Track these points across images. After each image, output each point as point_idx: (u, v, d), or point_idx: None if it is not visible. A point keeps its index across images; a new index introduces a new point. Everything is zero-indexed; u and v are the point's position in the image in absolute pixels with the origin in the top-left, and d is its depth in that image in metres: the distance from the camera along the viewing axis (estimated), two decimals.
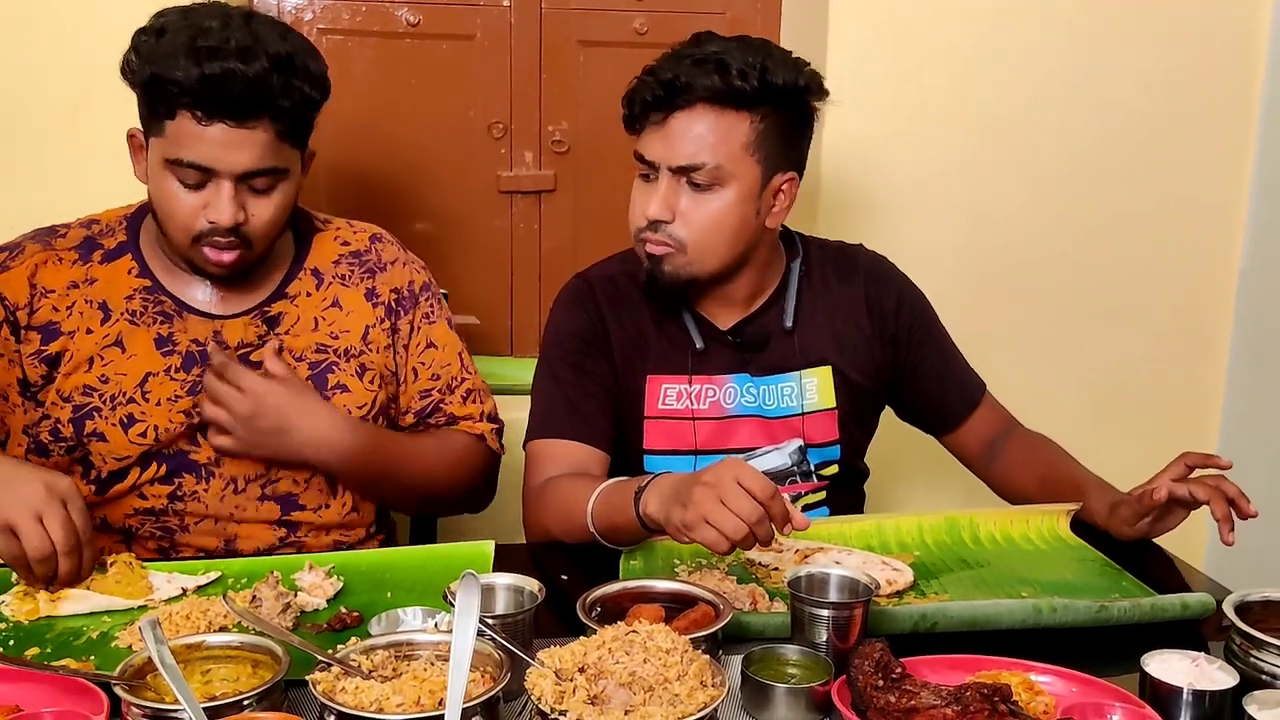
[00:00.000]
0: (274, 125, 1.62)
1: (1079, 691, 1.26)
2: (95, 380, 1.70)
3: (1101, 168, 2.58)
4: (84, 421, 1.69)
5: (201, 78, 1.56)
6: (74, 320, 1.71)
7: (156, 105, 1.61)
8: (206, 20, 1.61)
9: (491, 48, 2.52)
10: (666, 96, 1.76)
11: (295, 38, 1.68)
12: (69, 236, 1.76)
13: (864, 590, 1.35)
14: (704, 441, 1.88)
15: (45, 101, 2.22)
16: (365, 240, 1.90)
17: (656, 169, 1.78)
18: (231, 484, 1.75)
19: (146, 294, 1.74)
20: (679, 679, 1.15)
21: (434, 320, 1.89)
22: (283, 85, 1.61)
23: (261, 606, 1.42)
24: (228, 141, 1.60)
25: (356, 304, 1.84)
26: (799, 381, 1.90)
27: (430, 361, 1.88)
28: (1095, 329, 2.66)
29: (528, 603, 1.32)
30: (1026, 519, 1.76)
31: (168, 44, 1.59)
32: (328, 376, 1.79)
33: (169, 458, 1.73)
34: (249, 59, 1.58)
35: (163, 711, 1.13)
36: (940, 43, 2.47)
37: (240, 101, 1.58)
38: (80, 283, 1.72)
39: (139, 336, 1.73)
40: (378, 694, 1.12)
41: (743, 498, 1.40)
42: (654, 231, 1.79)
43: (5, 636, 1.39)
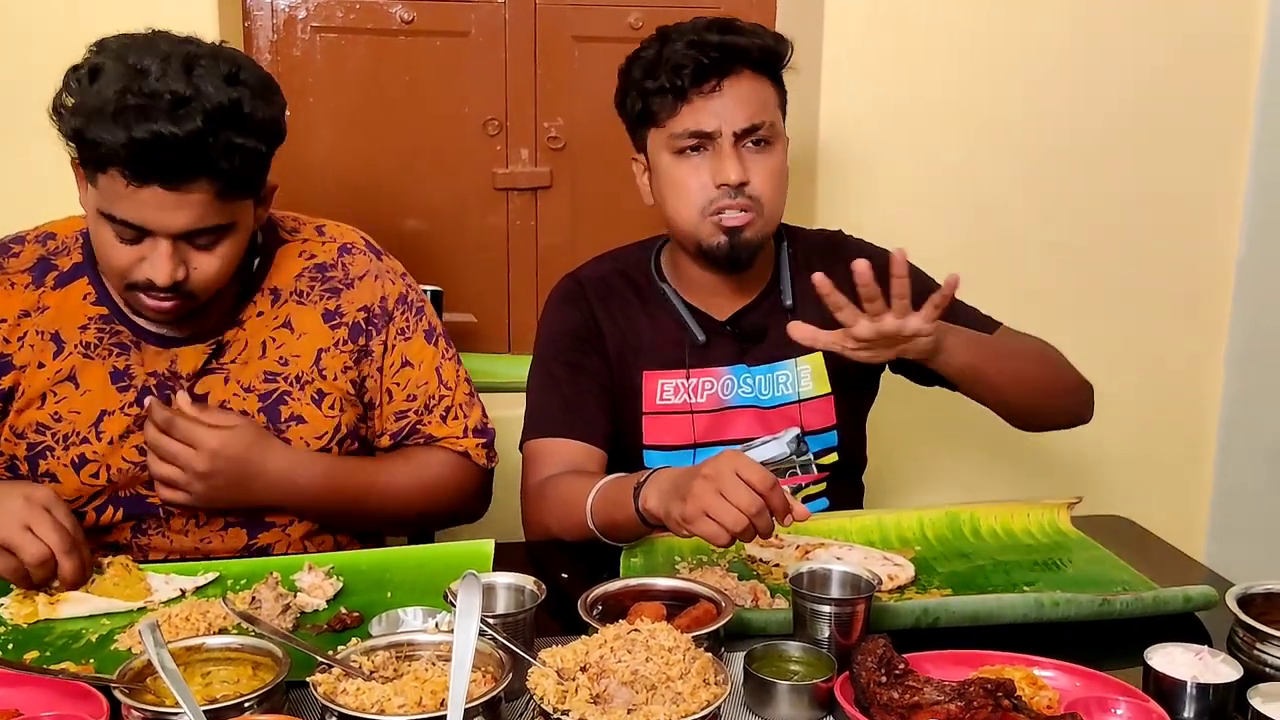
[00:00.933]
0: (213, 185, 1.47)
1: (1082, 686, 1.25)
2: (48, 418, 1.63)
3: (1099, 158, 2.58)
4: (37, 461, 1.63)
5: (129, 142, 1.41)
6: (25, 353, 1.63)
7: (86, 159, 1.48)
8: (144, 60, 1.45)
9: (486, 44, 2.51)
10: (721, 61, 1.76)
11: (248, 77, 1.51)
12: (22, 256, 1.66)
13: (866, 586, 1.35)
14: (702, 434, 1.88)
15: (32, 100, 2.20)
16: (334, 252, 1.77)
17: (711, 139, 1.77)
18: (193, 519, 1.69)
19: (102, 323, 1.65)
20: (681, 677, 1.14)
21: (410, 336, 1.78)
22: (223, 144, 1.45)
23: (261, 608, 1.41)
24: (162, 204, 1.46)
25: (310, 324, 1.72)
26: (794, 369, 1.90)
27: (405, 381, 1.78)
28: (1092, 319, 2.65)
29: (528, 602, 1.32)
30: (1027, 512, 1.76)
31: (96, 96, 1.44)
32: (280, 409, 1.69)
33: (124, 501, 1.67)
34: (182, 119, 1.42)
35: (163, 714, 1.13)
36: (935, 33, 2.47)
37: (173, 165, 1.44)
38: (32, 310, 1.63)
39: (93, 371, 1.64)
40: (379, 695, 1.11)
41: (742, 489, 1.40)
42: (731, 198, 1.77)
43: (4, 640, 1.39)
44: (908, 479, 2.58)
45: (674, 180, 1.82)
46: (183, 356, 1.67)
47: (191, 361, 1.67)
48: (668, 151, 1.81)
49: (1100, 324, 2.65)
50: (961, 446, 2.55)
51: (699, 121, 1.78)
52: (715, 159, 1.78)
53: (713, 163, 1.78)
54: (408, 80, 2.51)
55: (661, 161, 1.83)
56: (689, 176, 1.80)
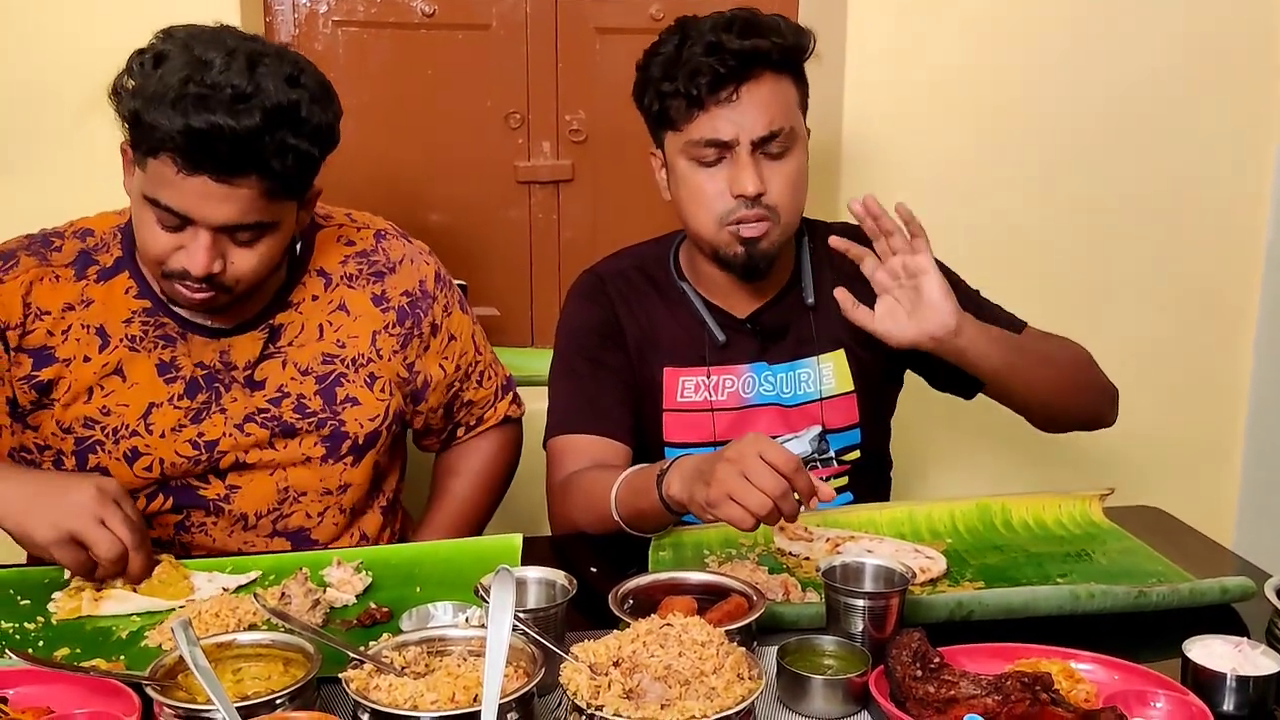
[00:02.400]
0: (262, 182, 1.49)
1: (1121, 679, 1.24)
2: (96, 412, 1.64)
3: (1125, 148, 2.55)
4: (87, 456, 1.64)
5: (186, 130, 1.43)
6: (70, 347, 1.63)
7: (139, 142, 1.49)
8: (209, 53, 1.47)
9: (508, 37, 2.50)
10: (739, 68, 1.72)
11: (308, 81, 1.53)
12: (64, 250, 1.66)
13: (900, 579, 1.33)
14: (723, 432, 1.87)
15: (53, 103, 2.20)
16: (370, 239, 1.81)
17: (729, 147, 1.74)
18: (241, 520, 1.71)
19: (147, 316, 1.66)
20: (715, 672, 1.14)
21: (451, 311, 1.84)
22: (277, 144, 1.47)
23: (291, 603, 1.41)
24: (208, 194, 1.48)
25: (364, 308, 1.76)
26: (816, 367, 1.89)
27: (452, 354, 1.84)
28: (1119, 310, 2.63)
29: (559, 596, 1.31)
30: (1059, 504, 1.74)
31: (159, 82, 1.45)
32: (336, 390, 1.72)
33: (174, 490, 1.69)
34: (241, 113, 1.44)
35: (195, 712, 1.12)
36: (960, 23, 2.44)
37: (226, 157, 1.45)
38: (76, 304, 1.64)
39: (139, 364, 1.65)
40: (411, 691, 1.11)
41: (765, 472, 1.38)
42: (749, 209, 1.75)
43: (35, 637, 1.39)
44: (933, 472, 2.56)
45: (691, 187, 1.79)
46: (236, 346, 1.68)
47: (247, 350, 1.69)
48: (684, 157, 1.78)
49: (1127, 314, 2.63)
50: (987, 440, 2.52)
51: (716, 130, 1.74)
52: (732, 168, 1.75)
53: (730, 172, 1.75)
54: (429, 74, 2.50)
55: (679, 166, 1.80)
56: (706, 184, 1.77)
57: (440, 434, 1.94)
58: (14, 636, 1.39)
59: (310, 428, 1.71)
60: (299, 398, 1.71)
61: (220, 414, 1.68)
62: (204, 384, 1.67)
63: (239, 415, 1.68)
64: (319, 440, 1.72)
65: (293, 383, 1.71)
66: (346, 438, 1.73)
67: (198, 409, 1.66)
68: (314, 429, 1.71)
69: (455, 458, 1.96)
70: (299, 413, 1.71)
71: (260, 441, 1.69)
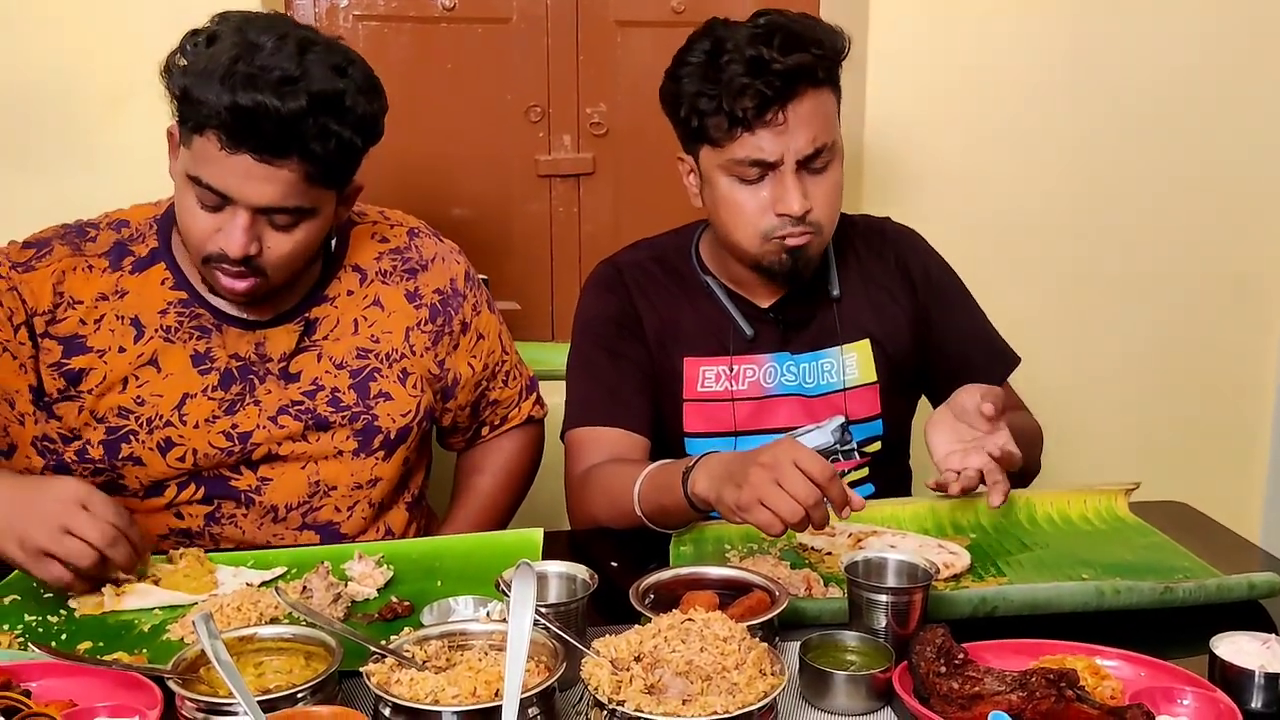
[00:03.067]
0: (303, 166, 1.51)
1: (1147, 676, 1.23)
2: (130, 402, 1.64)
3: (1149, 144, 2.53)
4: (119, 445, 1.64)
5: (233, 106, 1.46)
6: (103, 337, 1.64)
7: (186, 119, 1.52)
8: (261, 37, 1.50)
9: (528, 30, 2.49)
10: (783, 89, 1.68)
11: (355, 72, 1.56)
12: (99, 240, 1.68)
13: (923, 575, 1.32)
14: (743, 422, 1.86)
15: (85, 94, 2.21)
16: (404, 236, 1.83)
17: (773, 166, 1.72)
18: (272, 512, 1.72)
19: (182, 307, 1.67)
20: (737, 668, 1.13)
21: (479, 310, 1.85)
22: (319, 128, 1.50)
23: (312, 597, 1.41)
24: (250, 174, 1.50)
25: (397, 304, 1.77)
26: (839, 357, 1.88)
27: (480, 353, 1.86)
28: (1143, 304, 2.61)
29: (580, 591, 1.31)
30: (1084, 499, 1.73)
31: (209, 59, 1.49)
32: (370, 385, 1.73)
33: (206, 480, 1.69)
34: (288, 95, 1.47)
35: (217, 705, 1.12)
36: (982, 22, 2.43)
37: (269, 137, 1.48)
38: (110, 295, 1.65)
39: (174, 354, 1.66)
40: (433, 685, 1.10)
41: (800, 480, 1.37)
42: (793, 225, 1.74)
43: (59, 631, 1.39)
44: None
45: (732, 203, 1.76)
46: (271, 339, 1.69)
47: (283, 343, 1.70)
48: (725, 174, 1.75)
49: (1152, 309, 2.62)
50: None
51: (761, 150, 1.71)
52: (776, 186, 1.72)
53: (773, 189, 1.73)
54: (449, 68, 2.49)
55: (717, 180, 1.77)
56: (748, 201, 1.75)
57: (466, 432, 1.95)
58: (37, 630, 1.39)
59: (343, 421, 1.72)
60: (333, 391, 1.71)
61: (254, 405, 1.68)
62: (238, 375, 1.68)
63: (273, 407, 1.69)
64: (351, 434, 1.72)
65: (327, 376, 1.72)
66: (379, 432, 1.74)
67: (232, 400, 1.67)
68: (347, 422, 1.72)
69: (479, 456, 1.97)
70: (333, 406, 1.71)
71: (294, 434, 1.70)
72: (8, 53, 2.18)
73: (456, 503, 1.94)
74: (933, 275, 1.95)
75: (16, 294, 1.61)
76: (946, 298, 1.95)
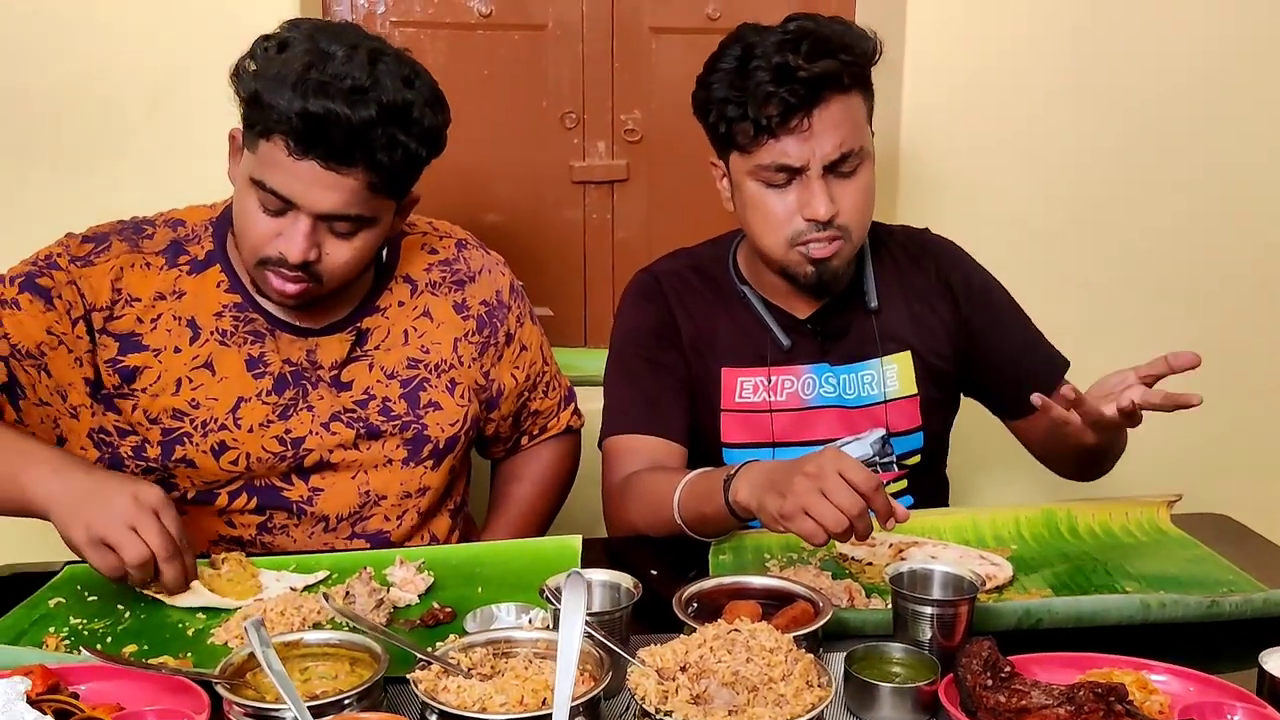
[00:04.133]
0: (368, 175, 1.53)
1: (1196, 690, 1.22)
2: (185, 404, 1.65)
3: (1191, 139, 2.49)
4: (173, 447, 1.65)
5: (303, 113, 1.48)
6: (160, 337, 1.66)
7: (254, 123, 1.53)
8: (332, 46, 1.52)
9: (563, 36, 2.50)
10: (809, 96, 1.68)
11: (422, 84, 1.58)
12: (156, 238, 1.69)
13: (969, 587, 1.32)
14: (782, 433, 1.85)
15: (124, 98, 2.23)
16: (453, 248, 1.84)
17: (799, 172, 1.71)
18: (323, 522, 1.73)
19: (237, 311, 1.68)
20: (784, 679, 1.13)
21: (524, 322, 1.88)
22: (387, 138, 1.51)
23: (355, 602, 1.42)
24: (315, 180, 1.52)
25: (446, 315, 1.79)
26: (880, 369, 1.87)
27: (524, 364, 1.88)
28: (1181, 311, 2.59)
29: (624, 599, 1.31)
30: (1126, 510, 1.72)
31: (281, 65, 1.50)
32: (419, 394, 1.75)
33: (259, 490, 1.70)
34: (358, 104, 1.49)
35: (265, 711, 1.13)
36: (1021, 23, 2.41)
37: (337, 145, 1.49)
38: (167, 294, 1.67)
39: (229, 358, 1.67)
40: (480, 693, 1.10)
41: (845, 490, 1.37)
42: (820, 231, 1.73)
43: (104, 633, 1.40)
44: (994, 477, 2.53)
45: (759, 208, 1.76)
46: (323, 346, 1.71)
47: (334, 351, 1.71)
48: (752, 179, 1.75)
49: (1196, 316, 2.58)
50: None
51: (786, 155, 1.71)
52: (803, 191, 1.72)
53: (800, 194, 1.72)
54: (485, 74, 2.50)
55: (746, 185, 1.77)
56: (775, 206, 1.75)
57: (506, 442, 1.96)
58: (83, 633, 1.40)
59: (394, 430, 1.73)
60: (384, 400, 1.73)
61: (307, 411, 1.69)
62: (291, 381, 1.69)
63: (325, 414, 1.70)
64: (401, 443, 1.73)
65: (379, 385, 1.73)
66: (428, 441, 1.75)
67: (285, 405, 1.68)
68: (397, 431, 1.73)
69: (518, 464, 1.98)
70: (384, 415, 1.72)
71: (345, 442, 1.71)
72: (49, 56, 2.19)
73: (495, 511, 1.95)
74: (975, 286, 1.94)
75: (75, 288, 1.62)
76: (992, 308, 1.95)
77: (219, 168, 1.68)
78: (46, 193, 2.21)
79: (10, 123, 2.21)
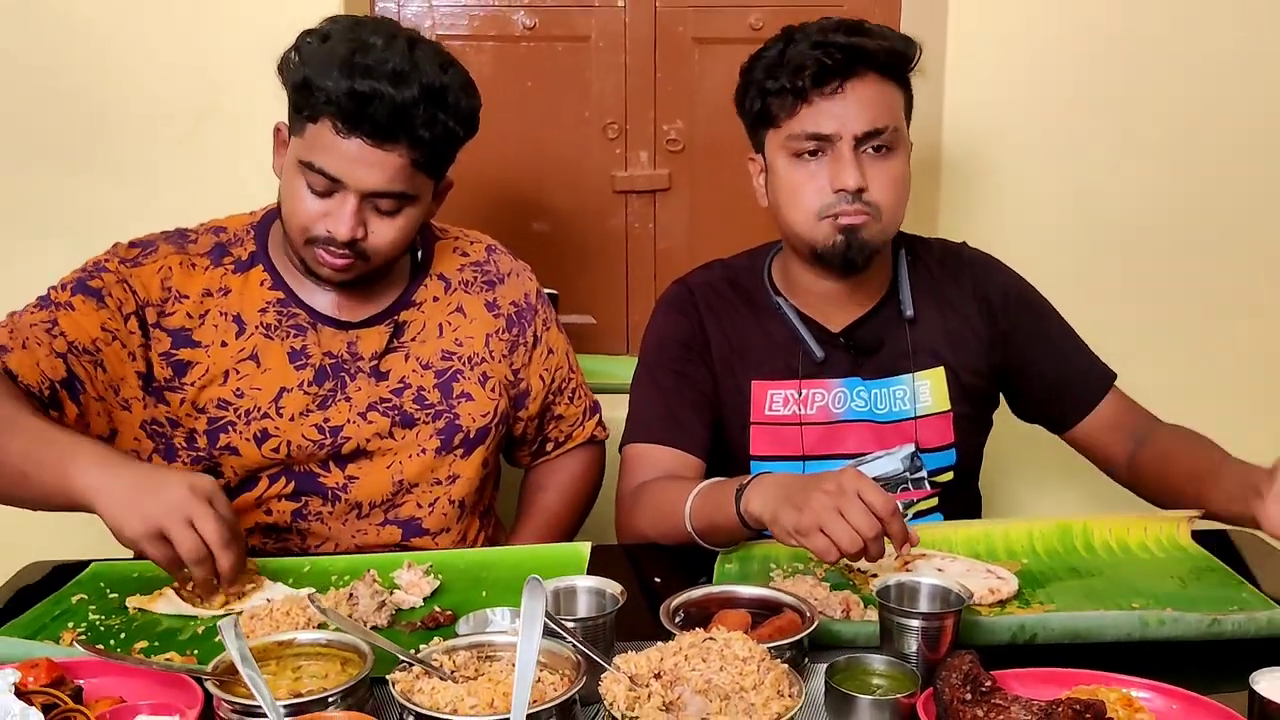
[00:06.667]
0: (411, 152, 1.62)
1: (1180, 709, 1.20)
2: (230, 394, 1.73)
3: (1240, 145, 2.44)
4: (218, 435, 1.72)
5: (350, 92, 1.57)
6: (207, 332, 1.73)
7: (302, 107, 1.63)
8: (372, 37, 1.62)
9: (607, 48, 2.52)
10: (845, 63, 1.71)
11: (456, 72, 1.68)
12: (200, 242, 1.78)
13: (956, 600, 1.31)
14: (811, 447, 1.85)
15: (171, 111, 2.30)
16: (483, 251, 1.93)
17: (830, 142, 1.73)
18: (356, 509, 1.78)
19: (280, 306, 1.76)
20: (755, 688, 1.13)
21: (549, 326, 1.94)
22: (428, 116, 1.61)
23: (358, 604, 1.45)
24: (361, 158, 1.61)
25: (478, 312, 1.86)
26: (912, 384, 1.86)
27: (552, 367, 1.93)
28: (1240, 322, 2.52)
29: (609, 606, 1.32)
30: (1145, 526, 1.68)
31: (326, 52, 1.61)
32: (453, 385, 1.81)
33: (297, 475, 1.76)
34: (400, 84, 1.59)
35: (251, 708, 1.16)
36: (1063, 33, 2.38)
37: (382, 122, 1.59)
38: (214, 291, 1.75)
39: (273, 350, 1.75)
40: (453, 695, 1.13)
41: (863, 512, 1.38)
42: (849, 204, 1.74)
43: (119, 630, 1.45)
44: (1025, 494, 2.50)
45: (790, 184, 1.78)
46: (363, 339, 1.78)
47: (374, 343, 1.78)
48: (785, 153, 1.78)
49: (1248, 327, 2.52)
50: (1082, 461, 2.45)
51: (818, 123, 1.73)
52: (833, 163, 1.73)
53: (831, 167, 1.74)
54: (530, 85, 2.54)
55: (778, 163, 1.79)
56: (806, 181, 1.76)
57: (531, 445, 1.99)
58: (99, 628, 1.45)
59: (428, 419, 1.79)
60: (419, 390, 1.79)
61: (345, 401, 1.76)
62: (331, 372, 1.76)
63: (363, 404, 1.76)
64: (434, 433, 1.80)
65: (414, 375, 1.80)
66: (460, 430, 1.80)
67: (325, 395, 1.75)
68: (430, 420, 1.79)
69: (543, 474, 2.02)
70: (418, 404, 1.79)
71: (381, 430, 1.77)
72: (97, 69, 2.28)
73: (522, 519, 1.98)
74: (1013, 298, 1.92)
75: (126, 286, 1.70)
76: (1032, 320, 1.92)
77: (263, 180, 1.76)
78: (94, 203, 2.30)
79: (59, 134, 2.30)
